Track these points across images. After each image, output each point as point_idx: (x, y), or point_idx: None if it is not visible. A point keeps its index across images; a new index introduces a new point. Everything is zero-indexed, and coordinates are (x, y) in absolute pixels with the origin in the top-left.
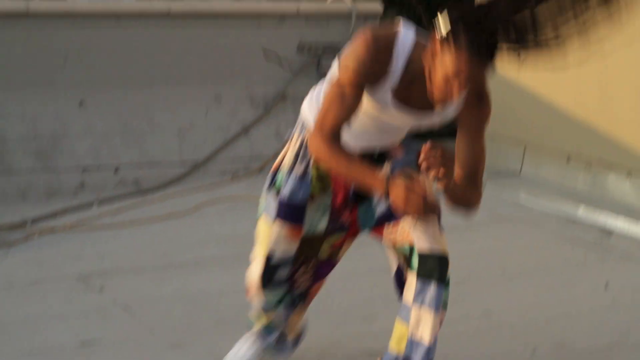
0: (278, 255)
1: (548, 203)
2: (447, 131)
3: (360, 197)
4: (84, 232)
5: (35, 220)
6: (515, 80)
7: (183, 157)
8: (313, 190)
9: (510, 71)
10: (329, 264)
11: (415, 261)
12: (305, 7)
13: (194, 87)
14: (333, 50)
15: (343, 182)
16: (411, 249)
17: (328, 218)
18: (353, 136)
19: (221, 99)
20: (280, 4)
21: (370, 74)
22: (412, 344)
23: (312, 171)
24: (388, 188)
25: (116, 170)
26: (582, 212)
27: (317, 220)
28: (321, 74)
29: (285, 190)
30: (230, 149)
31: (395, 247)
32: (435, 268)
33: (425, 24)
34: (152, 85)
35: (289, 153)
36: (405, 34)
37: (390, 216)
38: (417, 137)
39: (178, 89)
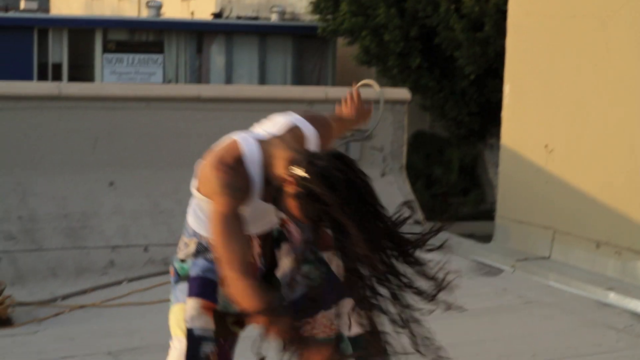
0: (197, 331)
1: (578, 288)
2: None
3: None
4: (113, 309)
5: (65, 297)
6: (544, 167)
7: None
8: None
9: (539, 159)
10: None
11: (347, 347)
12: (334, 92)
13: None
14: (361, 135)
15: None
16: (338, 337)
17: None
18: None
19: None
20: (309, 89)
21: (239, 190)
22: None
23: None
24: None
25: (145, 249)
26: (613, 297)
27: (230, 304)
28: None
29: (196, 269)
30: None
31: (317, 338)
32: (370, 343)
33: None
34: (181, 166)
35: (187, 249)
36: (247, 144)
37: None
38: None
39: None
